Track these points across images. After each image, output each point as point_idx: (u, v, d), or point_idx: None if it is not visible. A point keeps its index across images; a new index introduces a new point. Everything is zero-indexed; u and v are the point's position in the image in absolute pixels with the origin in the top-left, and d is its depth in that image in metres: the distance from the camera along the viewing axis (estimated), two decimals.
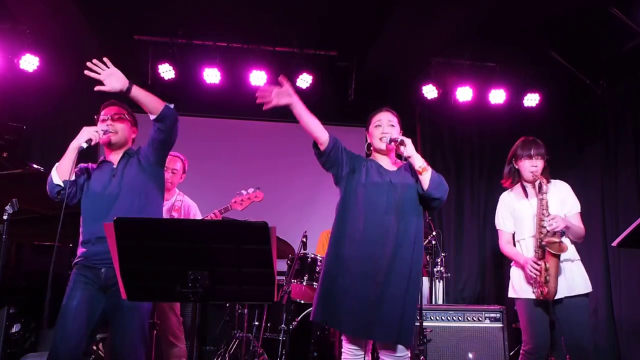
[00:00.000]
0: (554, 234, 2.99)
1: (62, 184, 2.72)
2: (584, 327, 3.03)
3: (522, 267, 3.10)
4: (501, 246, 3.30)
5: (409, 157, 2.68)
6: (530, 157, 3.17)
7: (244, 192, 4.07)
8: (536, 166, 3.15)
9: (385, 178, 2.74)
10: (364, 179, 2.74)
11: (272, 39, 5.53)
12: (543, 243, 2.98)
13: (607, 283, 5.49)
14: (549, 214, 3.01)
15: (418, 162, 2.68)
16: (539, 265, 2.97)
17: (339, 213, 2.74)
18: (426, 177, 2.67)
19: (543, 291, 2.96)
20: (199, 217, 4.07)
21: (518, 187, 3.30)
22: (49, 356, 2.53)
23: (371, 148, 2.94)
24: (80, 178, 2.83)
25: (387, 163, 2.87)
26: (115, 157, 2.91)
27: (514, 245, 3.27)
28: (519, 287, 3.14)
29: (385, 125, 2.84)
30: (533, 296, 3.03)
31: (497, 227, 3.33)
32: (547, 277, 2.94)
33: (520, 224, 3.20)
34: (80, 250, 2.74)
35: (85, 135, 2.76)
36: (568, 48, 5.44)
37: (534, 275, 2.98)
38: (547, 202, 3.04)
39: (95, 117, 2.99)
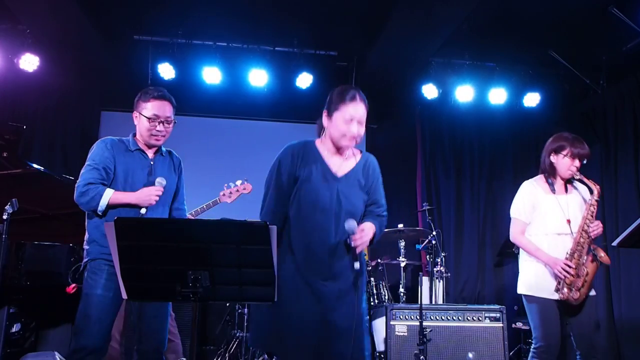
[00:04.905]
0: (592, 240, 3.00)
1: (101, 213, 2.70)
2: (594, 324, 3.05)
3: (545, 265, 3.05)
4: (515, 236, 3.20)
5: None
6: (577, 156, 3.10)
7: (232, 184, 4.05)
8: (577, 167, 3.11)
9: (332, 187, 2.45)
10: (307, 188, 2.46)
11: (272, 39, 5.53)
12: (593, 252, 2.97)
13: (607, 283, 5.49)
14: (593, 220, 3.02)
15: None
16: (571, 268, 2.94)
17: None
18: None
19: (574, 295, 2.94)
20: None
21: (541, 179, 3.22)
22: (81, 342, 2.57)
23: (325, 135, 2.54)
24: (110, 169, 2.76)
25: (336, 163, 2.53)
26: (149, 150, 2.88)
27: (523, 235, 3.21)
28: (535, 285, 3.07)
29: (356, 124, 2.43)
30: (552, 296, 3.00)
31: (513, 216, 3.23)
32: (584, 283, 2.94)
33: (543, 218, 3.12)
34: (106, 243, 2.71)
35: (149, 201, 2.71)
36: (568, 48, 5.45)
37: (563, 277, 2.95)
38: (594, 210, 3.04)
39: (137, 111, 2.82)
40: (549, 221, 3.11)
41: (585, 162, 3.13)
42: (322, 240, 2.41)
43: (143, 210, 2.71)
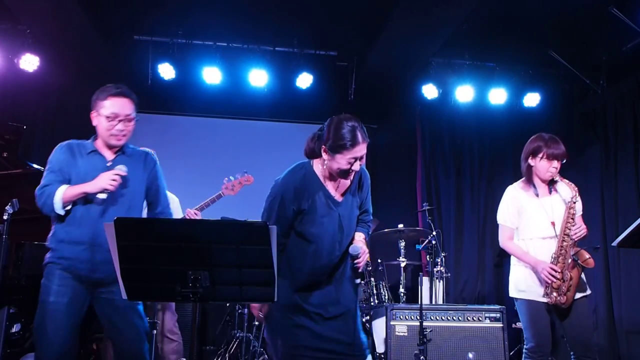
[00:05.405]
0: (575, 242, 2.99)
1: (63, 212, 2.60)
2: (587, 323, 3.07)
3: (533, 269, 3.06)
4: (503, 242, 3.23)
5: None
6: (553, 157, 3.07)
7: (232, 177, 4.03)
8: (556, 167, 3.09)
9: (333, 215, 2.49)
10: (311, 219, 2.47)
11: (272, 39, 5.53)
12: (574, 256, 2.96)
13: (607, 283, 5.49)
14: (574, 223, 3.00)
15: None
16: (557, 272, 2.94)
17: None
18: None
19: (561, 299, 2.95)
20: (179, 210, 4.04)
21: (524, 183, 3.22)
22: (43, 351, 2.52)
23: (324, 162, 2.48)
24: (65, 173, 2.68)
25: (334, 186, 2.55)
26: (108, 152, 2.73)
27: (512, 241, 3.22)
28: (525, 288, 3.09)
29: (358, 162, 2.41)
30: (541, 299, 3.01)
31: (500, 222, 3.25)
32: (569, 287, 2.94)
33: (528, 223, 3.13)
34: (61, 248, 2.62)
35: (104, 185, 2.53)
36: (568, 48, 5.45)
37: (549, 282, 2.95)
38: (574, 213, 3.02)
39: (95, 110, 2.68)
40: (534, 225, 3.11)
41: (564, 161, 3.11)
42: (325, 264, 2.48)
43: (102, 195, 2.53)
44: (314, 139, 2.54)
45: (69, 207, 2.62)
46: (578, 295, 3.02)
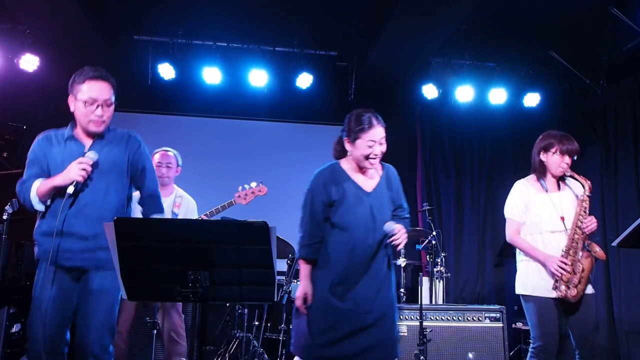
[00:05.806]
0: (586, 236, 3.00)
1: (43, 208, 2.54)
2: (592, 323, 3.06)
3: (543, 264, 3.04)
4: (511, 236, 3.21)
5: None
6: (566, 153, 3.09)
7: (246, 186, 4.04)
8: (568, 163, 3.11)
9: (364, 203, 2.67)
10: (343, 208, 2.66)
11: (272, 39, 5.53)
12: (587, 247, 2.97)
13: (607, 283, 5.49)
14: (586, 216, 3.02)
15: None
16: (567, 265, 2.94)
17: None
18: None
19: (571, 292, 2.94)
20: (195, 214, 4.04)
21: (533, 178, 3.23)
22: (30, 346, 2.47)
23: (349, 156, 2.75)
24: (43, 164, 2.60)
25: (363, 179, 2.75)
26: (87, 138, 2.61)
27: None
28: (534, 284, 3.06)
29: (378, 146, 2.66)
30: (550, 295, 3.00)
31: (508, 216, 3.24)
32: (581, 279, 2.94)
33: (537, 217, 3.13)
34: (44, 240, 2.53)
35: (73, 176, 2.42)
36: (568, 48, 5.44)
37: (559, 275, 2.94)
38: (587, 206, 3.04)
39: (72, 95, 2.57)
40: (543, 220, 3.11)
41: (575, 158, 3.13)
42: (361, 253, 2.62)
43: (71, 189, 2.40)
44: (338, 142, 2.79)
45: (49, 203, 2.54)
46: (587, 291, 3.01)
